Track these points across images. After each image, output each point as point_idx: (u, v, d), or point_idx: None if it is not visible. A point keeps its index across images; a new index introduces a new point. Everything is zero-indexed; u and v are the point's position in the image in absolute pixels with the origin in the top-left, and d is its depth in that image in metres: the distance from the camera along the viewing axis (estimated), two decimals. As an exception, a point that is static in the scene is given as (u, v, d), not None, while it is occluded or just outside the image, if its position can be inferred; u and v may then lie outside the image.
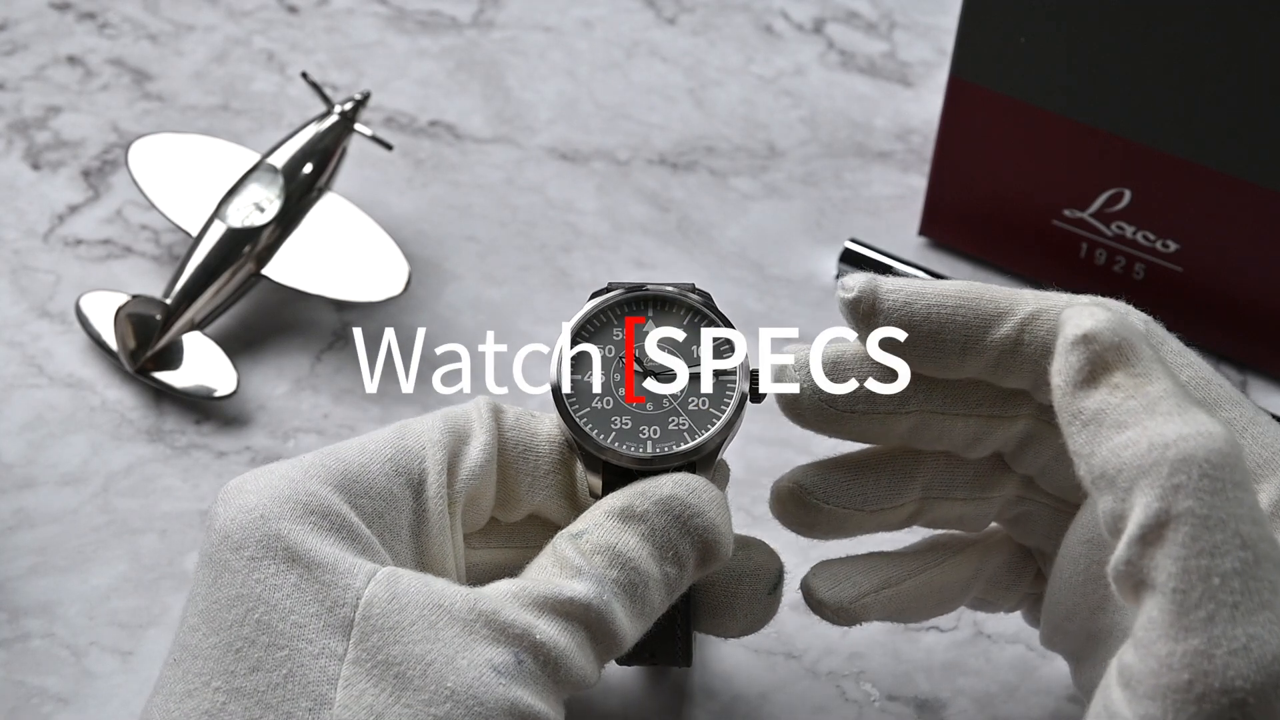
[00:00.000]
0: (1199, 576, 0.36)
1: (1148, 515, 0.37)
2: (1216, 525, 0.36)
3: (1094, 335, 0.39)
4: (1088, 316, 0.39)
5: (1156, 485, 0.37)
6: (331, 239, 0.60)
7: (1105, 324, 0.39)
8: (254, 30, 0.70)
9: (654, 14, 0.72)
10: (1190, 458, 0.37)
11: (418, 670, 0.39)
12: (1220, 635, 0.36)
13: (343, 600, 0.40)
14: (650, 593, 0.43)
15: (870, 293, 0.44)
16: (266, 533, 0.41)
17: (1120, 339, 0.39)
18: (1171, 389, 0.38)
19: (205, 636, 0.41)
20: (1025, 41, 0.57)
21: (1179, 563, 0.36)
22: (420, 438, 0.44)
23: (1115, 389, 0.39)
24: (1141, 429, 0.38)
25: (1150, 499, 0.37)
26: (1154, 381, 0.39)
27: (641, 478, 0.44)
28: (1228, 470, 0.37)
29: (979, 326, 0.44)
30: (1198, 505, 0.37)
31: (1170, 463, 0.37)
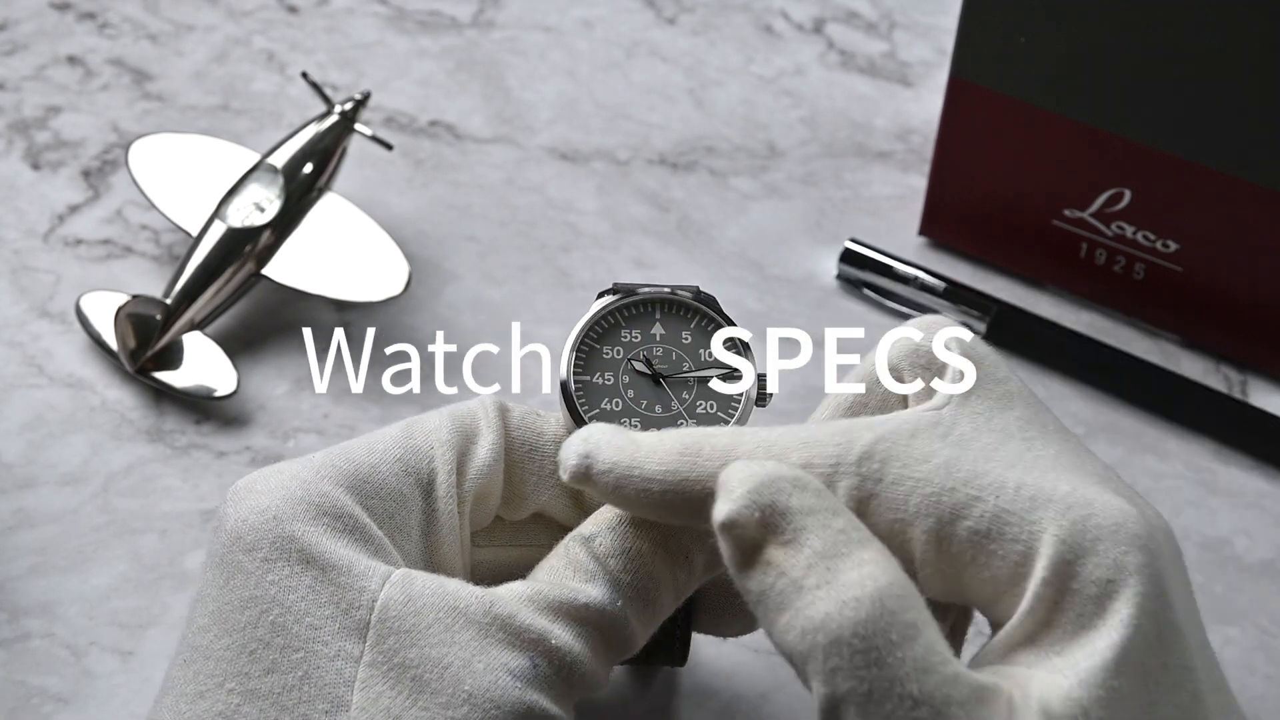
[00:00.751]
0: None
1: (822, 702, 0.37)
2: (882, 696, 0.36)
3: (732, 520, 0.38)
4: (726, 498, 0.38)
5: (819, 672, 0.37)
6: (331, 239, 0.60)
7: (744, 502, 0.38)
8: (254, 30, 0.70)
9: (654, 14, 0.72)
10: (837, 639, 0.36)
11: (435, 673, 0.40)
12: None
13: (358, 602, 0.40)
14: (661, 596, 0.43)
15: (583, 471, 0.42)
16: (280, 534, 0.41)
17: (761, 510, 0.38)
18: (820, 550, 0.37)
19: (217, 638, 0.41)
20: (1025, 41, 0.57)
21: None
22: (428, 437, 0.44)
23: (768, 568, 0.38)
24: (794, 612, 0.37)
25: (818, 685, 0.37)
26: (801, 549, 0.38)
27: None
28: (880, 635, 0.36)
29: (690, 511, 0.42)
30: (857, 685, 0.36)
31: (822, 648, 0.37)
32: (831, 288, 0.63)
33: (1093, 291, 0.62)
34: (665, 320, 0.47)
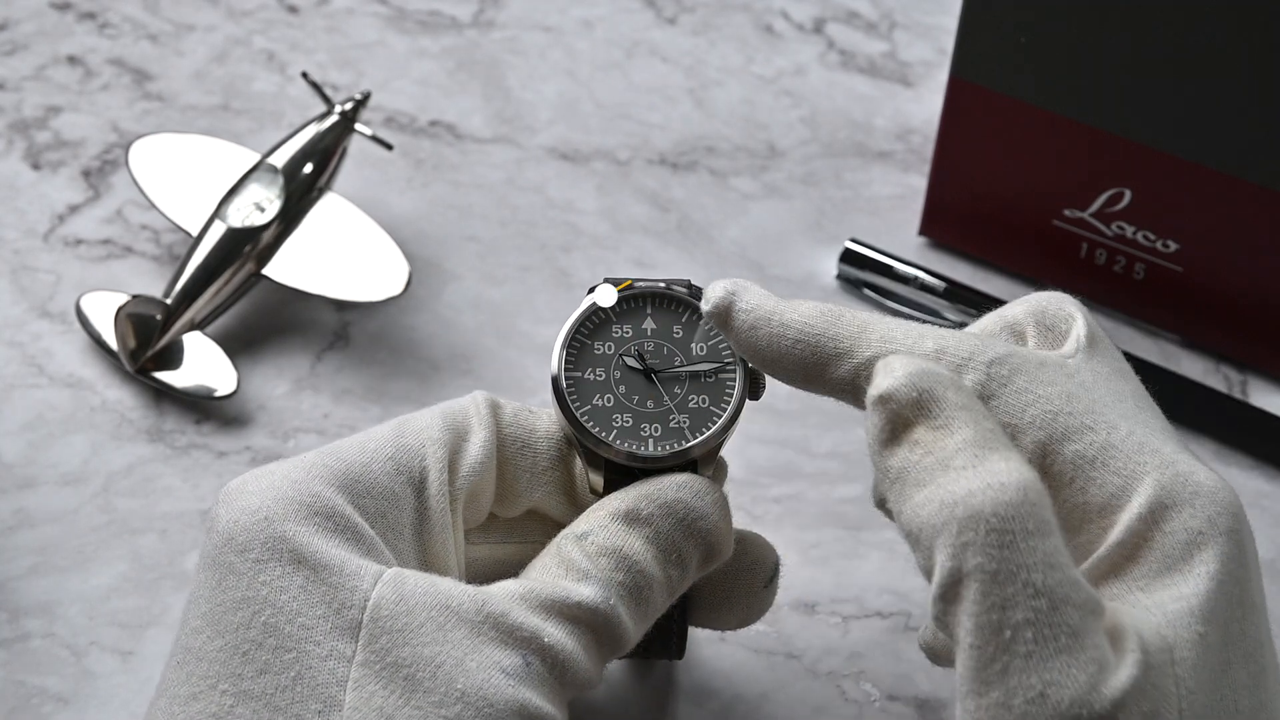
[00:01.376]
0: (991, 631, 0.37)
1: (943, 574, 0.37)
2: (1006, 578, 0.37)
3: (890, 394, 0.39)
4: (887, 374, 0.40)
5: (948, 545, 0.37)
6: (331, 239, 0.60)
7: (903, 380, 0.39)
8: (254, 30, 0.70)
9: (654, 14, 0.72)
10: (977, 514, 0.37)
11: (427, 672, 0.40)
12: (1016, 686, 0.37)
13: (350, 602, 0.40)
14: (654, 595, 0.43)
15: (724, 310, 0.44)
16: (271, 534, 0.41)
17: (919, 393, 0.39)
18: (971, 439, 0.38)
19: (210, 639, 0.41)
20: (1025, 41, 0.57)
21: (973, 619, 0.37)
22: (420, 435, 0.44)
23: (915, 445, 0.39)
24: (935, 487, 0.38)
25: (944, 558, 0.37)
26: (953, 433, 0.39)
27: (643, 475, 0.44)
28: (1018, 520, 0.37)
29: (816, 365, 0.43)
30: (986, 561, 0.37)
31: (958, 521, 0.37)
32: (831, 288, 0.63)
33: (1093, 291, 0.62)
34: (656, 315, 0.47)
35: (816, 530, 0.55)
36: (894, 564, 0.55)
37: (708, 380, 0.46)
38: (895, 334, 0.43)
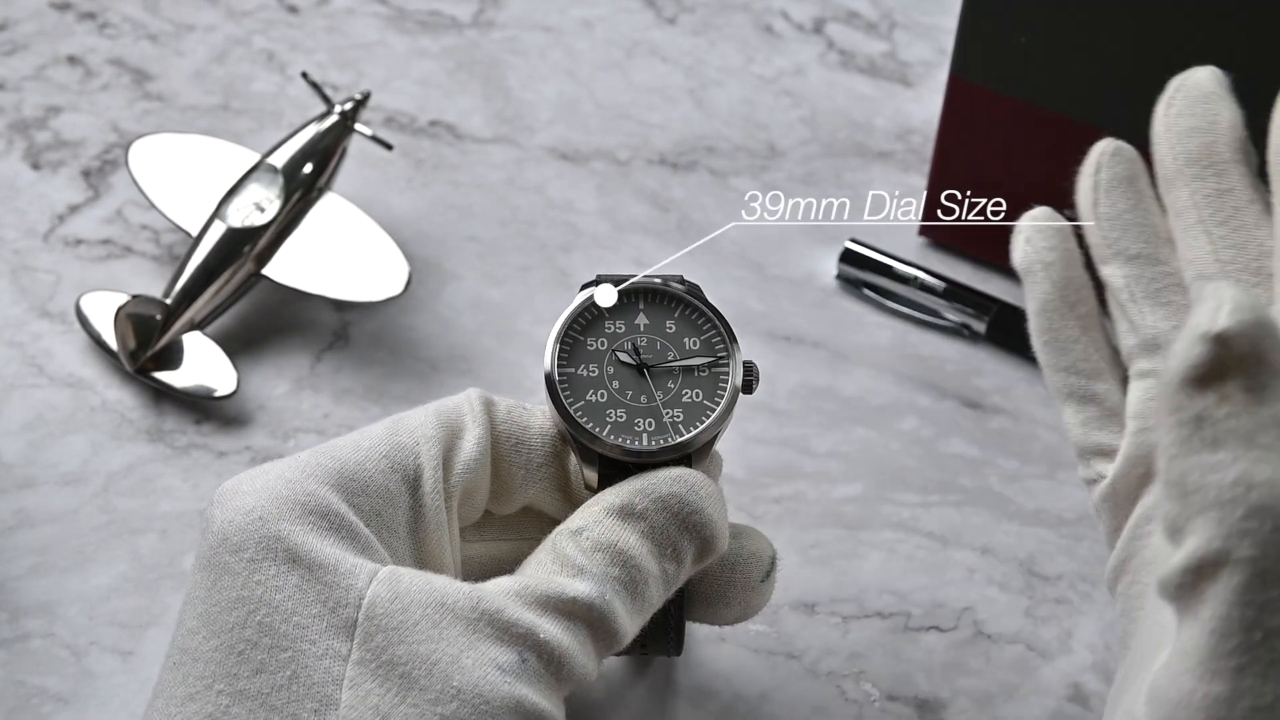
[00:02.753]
0: (1242, 625, 0.35)
1: (1208, 550, 0.35)
2: (1275, 580, 0.35)
3: (1227, 337, 0.36)
4: (1228, 310, 0.36)
5: (1226, 523, 0.35)
6: (331, 239, 0.60)
7: (1243, 325, 0.36)
8: (254, 30, 0.70)
9: (654, 14, 0.72)
10: (1270, 507, 0.35)
11: (423, 670, 0.40)
12: (1246, 689, 0.35)
13: (345, 600, 0.40)
14: (650, 589, 0.43)
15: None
16: (266, 534, 0.41)
17: (1251, 346, 0.36)
18: (1278, 416, 0.36)
19: (206, 639, 0.41)
20: (1025, 41, 0.57)
21: (1226, 606, 0.35)
22: (414, 433, 0.44)
23: (1224, 400, 0.36)
24: (1233, 456, 0.35)
25: (1215, 535, 0.35)
26: (1267, 403, 0.36)
27: (637, 470, 0.44)
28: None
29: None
30: (1261, 557, 0.35)
31: (1248, 505, 0.35)
32: (831, 288, 0.63)
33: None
34: (649, 310, 0.47)
35: (816, 530, 0.55)
36: (894, 564, 0.55)
37: (701, 374, 0.46)
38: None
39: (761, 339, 0.61)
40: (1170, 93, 0.49)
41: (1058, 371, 0.49)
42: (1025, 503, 0.56)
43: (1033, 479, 0.57)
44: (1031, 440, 0.58)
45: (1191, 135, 0.48)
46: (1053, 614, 0.53)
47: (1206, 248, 0.47)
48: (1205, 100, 0.48)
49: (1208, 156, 0.47)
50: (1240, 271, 0.46)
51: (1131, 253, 0.48)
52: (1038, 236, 0.49)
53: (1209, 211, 0.47)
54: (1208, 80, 0.48)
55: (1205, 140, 0.48)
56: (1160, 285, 0.48)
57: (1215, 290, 0.36)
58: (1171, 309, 0.47)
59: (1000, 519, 0.56)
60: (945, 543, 0.55)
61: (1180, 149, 0.48)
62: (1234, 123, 0.48)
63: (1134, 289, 0.48)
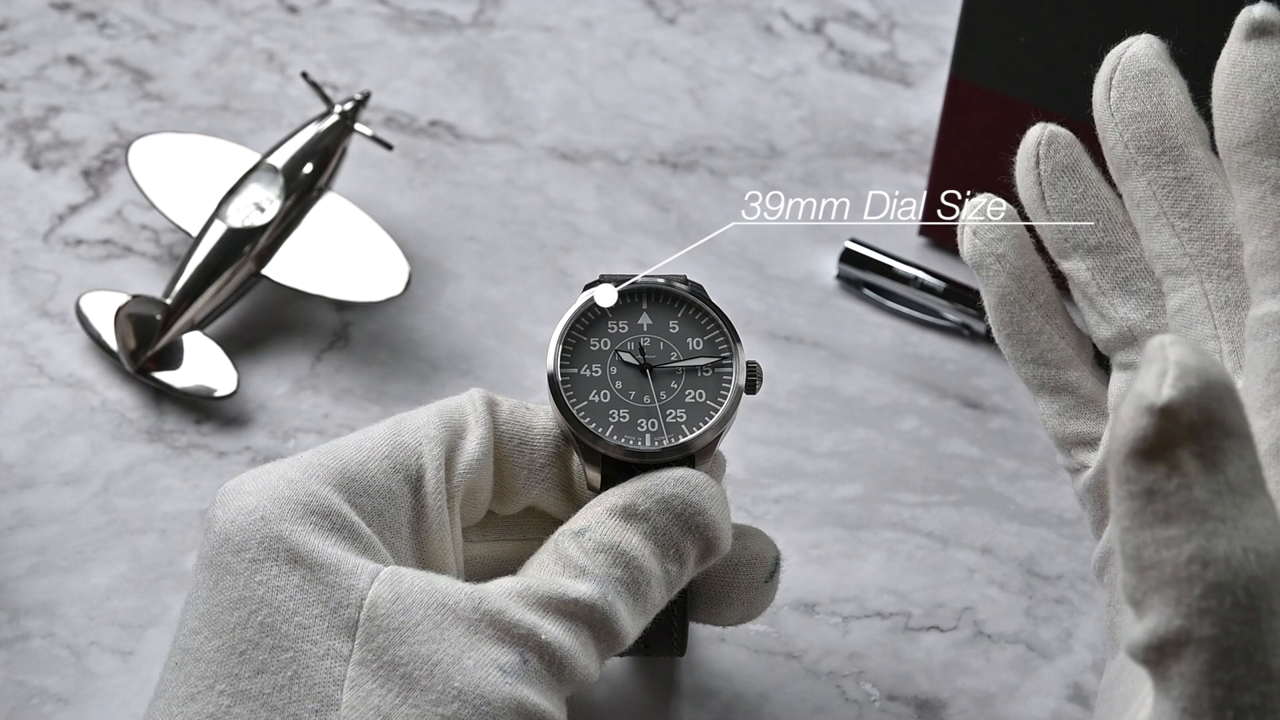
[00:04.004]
0: (1212, 705, 0.34)
1: (1169, 629, 0.34)
2: (1240, 658, 0.34)
3: (1171, 410, 0.34)
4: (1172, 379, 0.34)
5: (1184, 603, 0.34)
6: (331, 239, 0.60)
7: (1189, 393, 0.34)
8: (254, 30, 0.70)
9: (654, 14, 0.72)
10: (1228, 584, 0.34)
11: (424, 670, 0.40)
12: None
13: (347, 601, 0.40)
14: (652, 590, 0.43)
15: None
16: (268, 534, 0.41)
17: (1199, 414, 0.34)
18: (1234, 480, 0.34)
19: (207, 640, 0.41)
20: (1025, 41, 0.57)
21: (1194, 686, 0.34)
22: (416, 433, 0.44)
23: (1174, 471, 0.34)
24: (1186, 532, 0.34)
25: (1174, 614, 0.34)
26: (1220, 470, 0.34)
27: (640, 471, 0.44)
28: (1266, 598, 0.34)
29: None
30: (1223, 635, 0.34)
31: (1205, 584, 0.34)
32: (831, 288, 0.63)
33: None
34: (652, 310, 0.47)
35: (816, 530, 0.55)
36: (894, 564, 0.55)
37: (704, 375, 0.46)
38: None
39: (761, 339, 0.61)
40: (1109, 72, 0.47)
41: (1026, 364, 0.48)
42: (1025, 503, 0.56)
43: (1033, 479, 0.57)
44: (1031, 440, 0.58)
45: (1140, 120, 0.46)
46: (1053, 614, 0.53)
47: (1172, 241, 0.46)
48: (1149, 79, 0.46)
49: (1161, 143, 0.46)
50: (1211, 265, 0.45)
51: (1091, 244, 0.47)
52: (985, 228, 0.48)
53: (1169, 203, 0.46)
54: (1147, 55, 0.47)
55: (1155, 125, 0.46)
56: (1127, 274, 0.47)
57: (1160, 351, 0.35)
58: (1143, 297, 0.47)
59: (1000, 519, 0.56)
60: (945, 543, 0.55)
61: (1130, 136, 0.46)
62: (1181, 100, 0.46)
63: (1100, 281, 0.47)
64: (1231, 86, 0.45)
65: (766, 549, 0.47)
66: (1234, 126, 0.45)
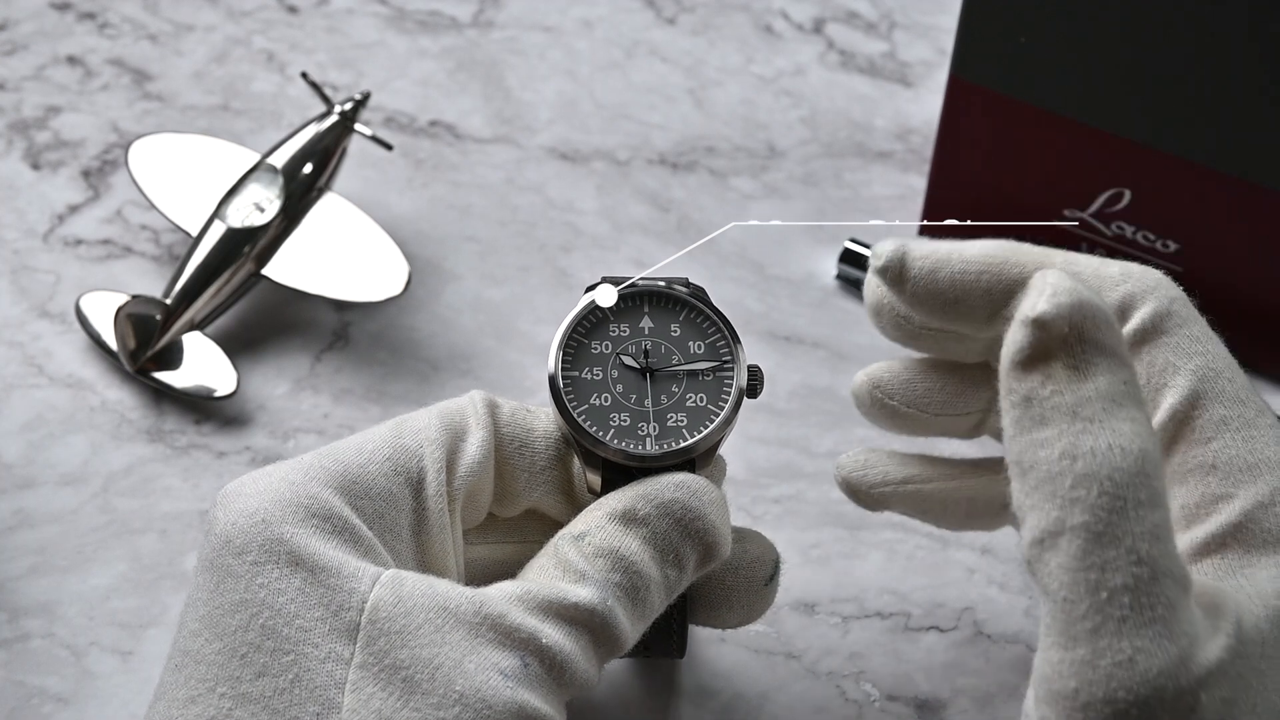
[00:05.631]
0: (1087, 589, 0.37)
1: (1046, 522, 0.37)
2: (1110, 541, 0.37)
3: (1044, 320, 0.38)
4: (1048, 296, 0.38)
5: (1058, 495, 0.37)
6: (331, 239, 0.60)
7: (1060, 309, 0.38)
8: (254, 30, 0.70)
9: (654, 14, 0.72)
10: (1094, 474, 0.37)
11: (425, 674, 0.40)
12: (1105, 647, 0.37)
13: (348, 604, 0.40)
14: (651, 595, 0.43)
15: (898, 261, 0.45)
16: (269, 537, 0.41)
17: (1071, 327, 0.38)
18: (1104, 389, 0.38)
19: (208, 642, 0.41)
20: (1025, 41, 0.57)
21: (1069, 574, 0.37)
22: (417, 435, 0.44)
23: (1048, 380, 0.38)
24: (1058, 431, 0.38)
25: (1051, 507, 0.37)
26: (1089, 379, 0.38)
27: (640, 474, 0.44)
28: (1132, 489, 0.37)
29: (1002, 294, 0.44)
30: (1092, 520, 0.37)
31: (1074, 475, 0.37)
32: (831, 288, 0.63)
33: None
34: (654, 313, 0.47)
35: (816, 530, 0.55)
36: (894, 564, 0.55)
37: (705, 379, 0.46)
38: (1077, 259, 0.43)
39: (761, 339, 0.61)
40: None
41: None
42: (1025, 503, 0.56)
43: (1033, 479, 0.57)
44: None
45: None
46: (1053, 614, 0.53)
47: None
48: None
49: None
50: None
51: None
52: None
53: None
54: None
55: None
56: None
57: (1040, 277, 0.39)
58: None
59: (1000, 519, 0.56)
60: (945, 543, 0.55)
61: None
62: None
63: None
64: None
65: (766, 552, 0.47)
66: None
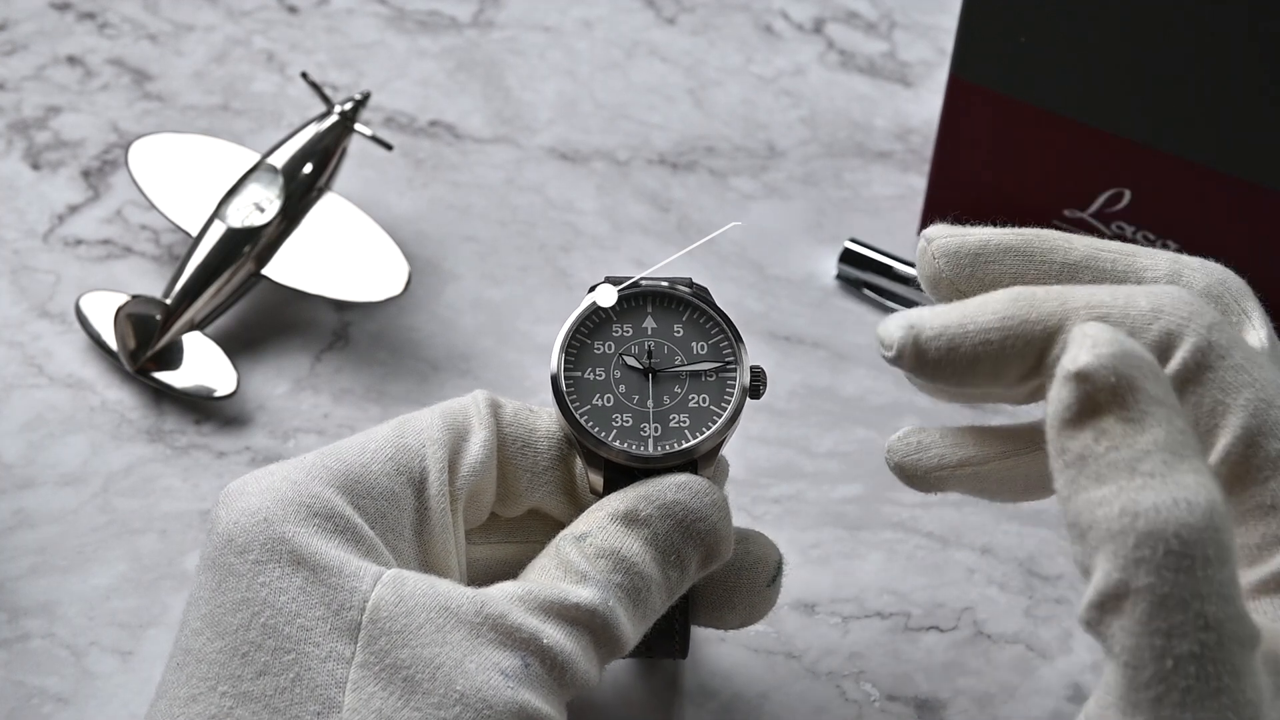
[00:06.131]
0: (1152, 656, 0.35)
1: (1108, 584, 0.36)
2: (1177, 606, 0.35)
3: (1088, 373, 0.37)
4: (1088, 348, 0.37)
5: (1120, 555, 0.36)
6: (331, 239, 0.60)
7: (1104, 360, 0.36)
8: (254, 30, 0.70)
9: (654, 14, 0.72)
10: (1159, 532, 0.35)
11: (426, 674, 0.40)
12: (1166, 717, 0.35)
13: (349, 603, 0.40)
14: (653, 596, 0.43)
15: (910, 344, 0.41)
16: (271, 536, 0.41)
17: (1118, 378, 0.36)
18: (1163, 440, 0.36)
19: (210, 641, 0.41)
20: (1025, 41, 0.57)
21: (1133, 638, 0.35)
22: (420, 435, 0.44)
23: (1102, 435, 0.36)
24: (1118, 488, 0.36)
25: (1111, 568, 0.36)
26: (1146, 431, 0.36)
27: (642, 475, 0.44)
28: (1200, 546, 0.35)
29: (1032, 355, 0.41)
30: (1158, 583, 0.35)
31: (1137, 534, 0.35)
32: (831, 288, 0.63)
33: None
34: (657, 314, 0.47)
35: (816, 530, 0.55)
36: (894, 564, 0.55)
37: (708, 379, 0.46)
38: (1102, 297, 0.40)
39: (761, 339, 0.61)
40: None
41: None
42: (1025, 503, 0.56)
43: (1033, 479, 0.57)
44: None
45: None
46: (1053, 614, 0.53)
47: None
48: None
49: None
50: None
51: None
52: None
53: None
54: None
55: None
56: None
57: (1080, 330, 0.37)
58: None
59: (1000, 519, 0.56)
60: (945, 543, 0.55)
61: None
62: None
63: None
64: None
65: (769, 553, 0.47)
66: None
